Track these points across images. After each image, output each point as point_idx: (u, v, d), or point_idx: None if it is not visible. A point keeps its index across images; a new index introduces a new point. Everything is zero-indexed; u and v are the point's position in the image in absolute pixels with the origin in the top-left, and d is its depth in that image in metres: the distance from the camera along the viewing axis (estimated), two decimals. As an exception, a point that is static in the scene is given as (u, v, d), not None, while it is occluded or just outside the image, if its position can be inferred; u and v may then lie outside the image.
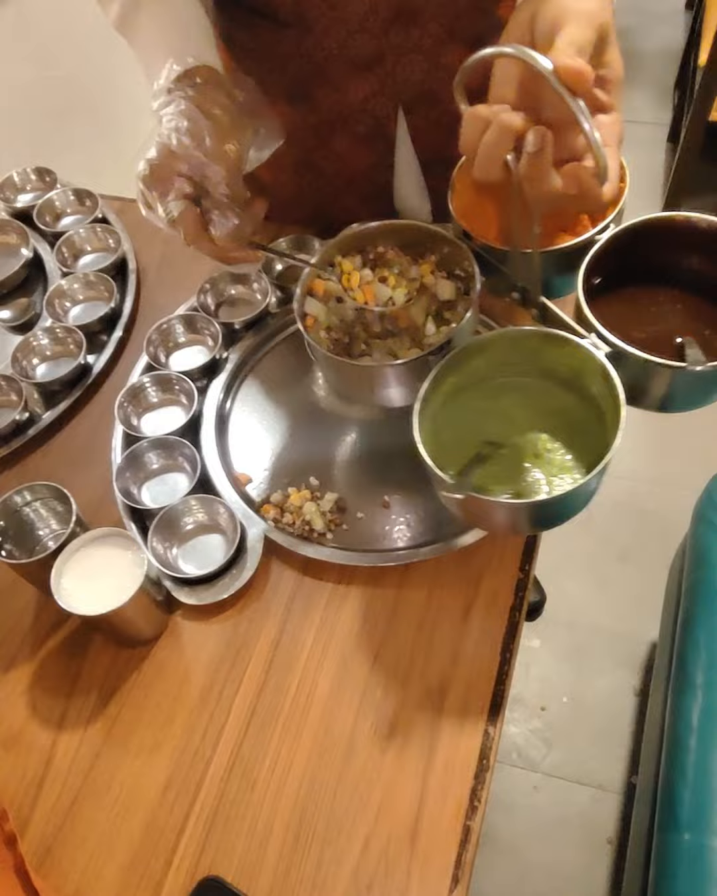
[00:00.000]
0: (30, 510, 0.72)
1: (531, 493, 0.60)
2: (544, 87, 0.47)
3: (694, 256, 0.60)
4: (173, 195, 0.56)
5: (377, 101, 0.80)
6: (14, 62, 2.92)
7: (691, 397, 0.60)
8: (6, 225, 0.98)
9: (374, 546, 0.73)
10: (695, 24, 2.17)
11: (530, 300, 0.62)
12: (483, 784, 0.62)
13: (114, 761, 0.65)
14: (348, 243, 0.67)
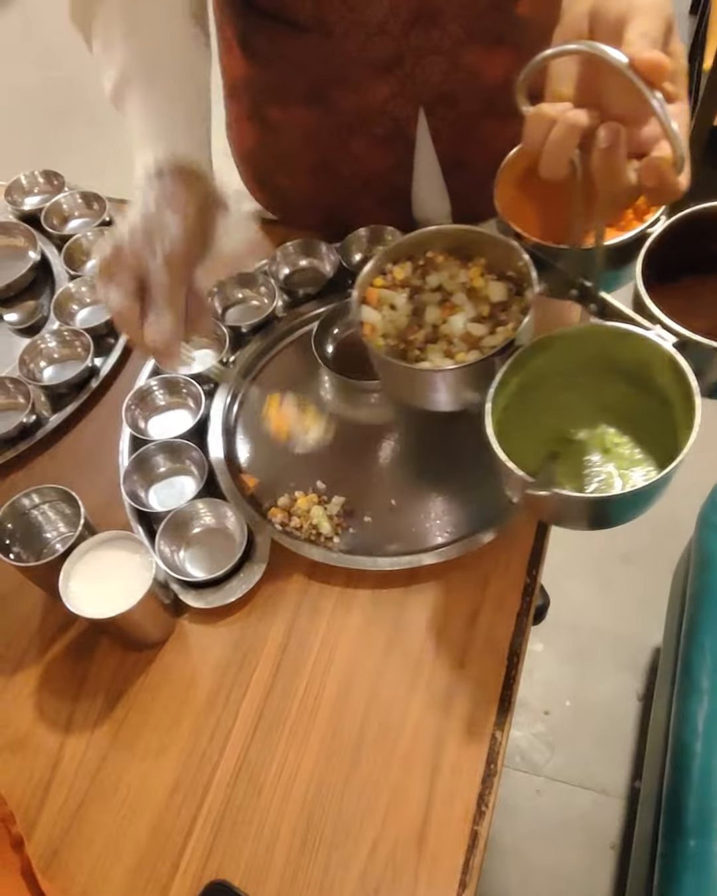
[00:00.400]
0: (38, 513, 0.72)
1: (607, 487, 0.60)
2: (605, 81, 0.47)
3: None
4: (115, 289, 0.56)
5: (397, 102, 0.80)
6: (18, 64, 2.93)
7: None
8: (14, 228, 0.98)
9: (381, 550, 0.73)
10: (699, 29, 2.18)
11: (590, 296, 0.62)
12: (491, 789, 0.62)
13: (121, 764, 0.65)
14: (399, 251, 0.68)
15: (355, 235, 0.90)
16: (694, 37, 2.31)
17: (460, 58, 0.77)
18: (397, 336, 0.67)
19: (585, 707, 1.43)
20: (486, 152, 0.82)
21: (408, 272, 0.68)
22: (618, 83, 0.48)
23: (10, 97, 2.80)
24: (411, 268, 0.68)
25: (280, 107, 0.85)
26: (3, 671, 0.70)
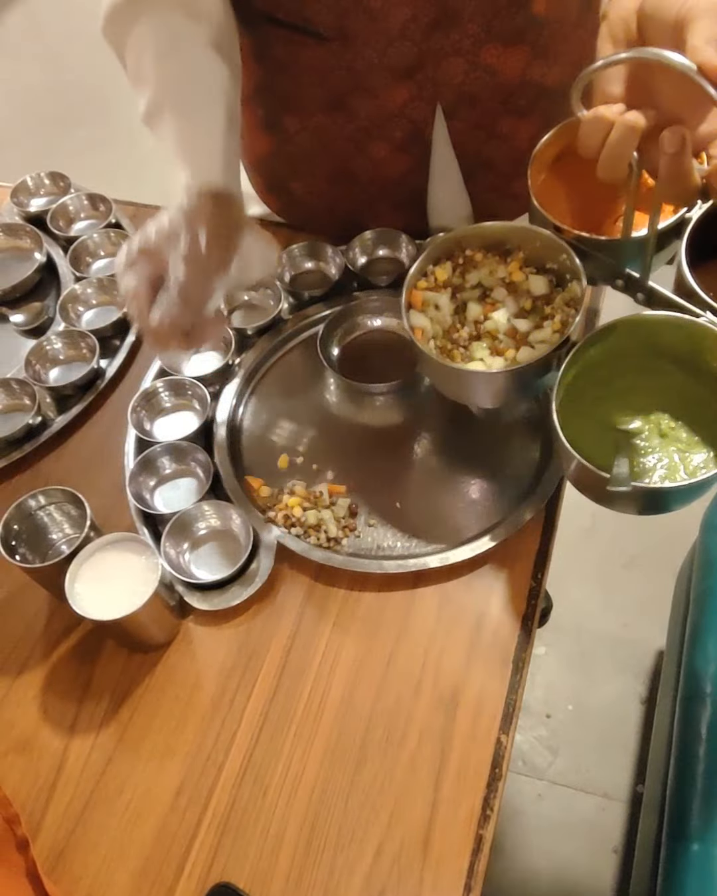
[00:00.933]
0: (44, 514, 0.72)
1: (672, 473, 0.61)
2: (657, 81, 0.48)
3: None
4: (133, 274, 0.58)
5: (415, 105, 0.80)
6: (23, 65, 2.94)
7: None
8: (20, 229, 0.98)
9: (386, 553, 0.73)
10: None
11: (638, 285, 0.62)
12: (496, 793, 0.62)
13: (126, 766, 0.65)
14: (438, 251, 0.69)
15: (361, 238, 0.90)
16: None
17: (479, 57, 0.77)
18: (443, 336, 0.69)
19: (587, 711, 1.43)
20: (508, 150, 0.83)
21: (449, 272, 0.69)
22: (671, 83, 0.49)
23: (16, 99, 2.81)
24: (451, 267, 0.69)
25: (298, 116, 0.85)
26: (8, 673, 0.70)
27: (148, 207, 1.04)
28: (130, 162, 2.45)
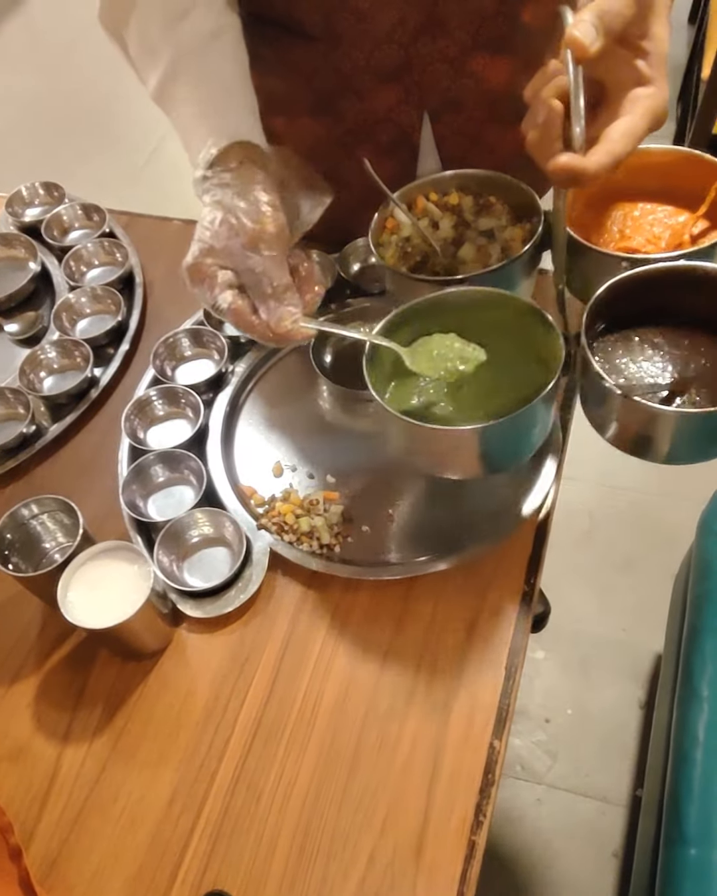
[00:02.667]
0: (37, 523, 0.72)
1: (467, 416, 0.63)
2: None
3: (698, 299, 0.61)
4: (219, 288, 0.58)
5: (402, 110, 0.80)
6: (21, 74, 2.95)
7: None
8: (14, 239, 0.99)
9: (379, 559, 0.73)
10: (698, 38, 2.19)
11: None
12: (488, 799, 0.62)
13: (119, 774, 0.65)
14: (465, 183, 0.73)
15: (353, 246, 0.91)
16: (693, 46, 2.32)
17: (466, 65, 0.77)
18: (419, 252, 0.70)
19: (586, 715, 1.42)
20: (491, 158, 0.83)
21: (469, 204, 0.71)
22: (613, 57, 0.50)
23: (12, 108, 2.82)
24: (472, 202, 0.71)
25: (285, 117, 0.85)
26: (1, 682, 0.70)
27: (142, 217, 1.04)
28: (123, 170, 2.47)
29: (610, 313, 0.61)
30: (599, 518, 1.66)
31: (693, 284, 0.60)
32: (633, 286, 0.60)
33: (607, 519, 1.66)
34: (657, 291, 0.60)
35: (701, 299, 0.60)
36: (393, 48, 0.75)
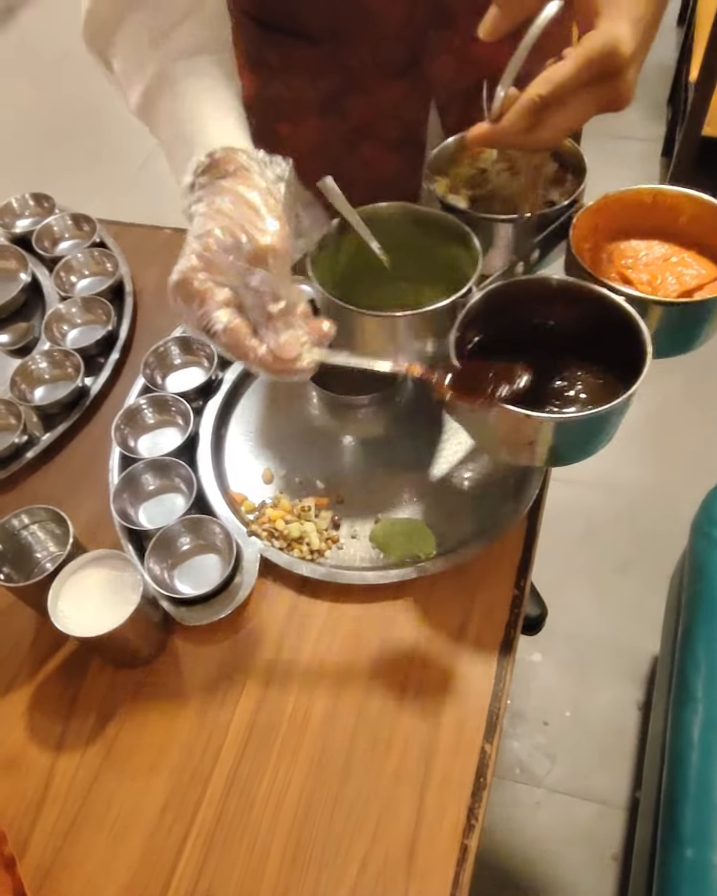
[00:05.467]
0: (27, 533, 0.72)
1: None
2: None
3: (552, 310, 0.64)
4: (214, 306, 0.50)
5: (408, 105, 0.80)
6: (13, 86, 2.96)
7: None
8: (5, 250, 0.99)
9: (369, 564, 0.73)
10: (686, 41, 2.20)
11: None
12: (480, 802, 0.62)
13: (112, 782, 0.65)
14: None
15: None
16: (681, 48, 2.33)
17: (469, 54, 0.77)
18: (489, 187, 0.70)
19: (584, 717, 1.42)
20: None
21: (552, 170, 0.70)
22: None
23: (3, 118, 2.83)
24: (553, 171, 0.70)
25: (291, 121, 0.85)
26: (-6, 691, 0.70)
27: (132, 226, 1.05)
28: (113, 180, 2.48)
29: (483, 327, 0.63)
30: (595, 521, 1.66)
31: (552, 298, 0.63)
32: (507, 296, 0.63)
33: (603, 522, 1.66)
34: (527, 307, 0.63)
35: (561, 311, 0.63)
36: (399, 44, 0.75)
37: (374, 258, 0.66)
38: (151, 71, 0.59)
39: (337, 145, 0.85)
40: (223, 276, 0.50)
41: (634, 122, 2.37)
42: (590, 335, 0.62)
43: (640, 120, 2.38)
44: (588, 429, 0.60)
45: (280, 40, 0.77)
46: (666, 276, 0.66)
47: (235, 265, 0.50)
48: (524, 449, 0.61)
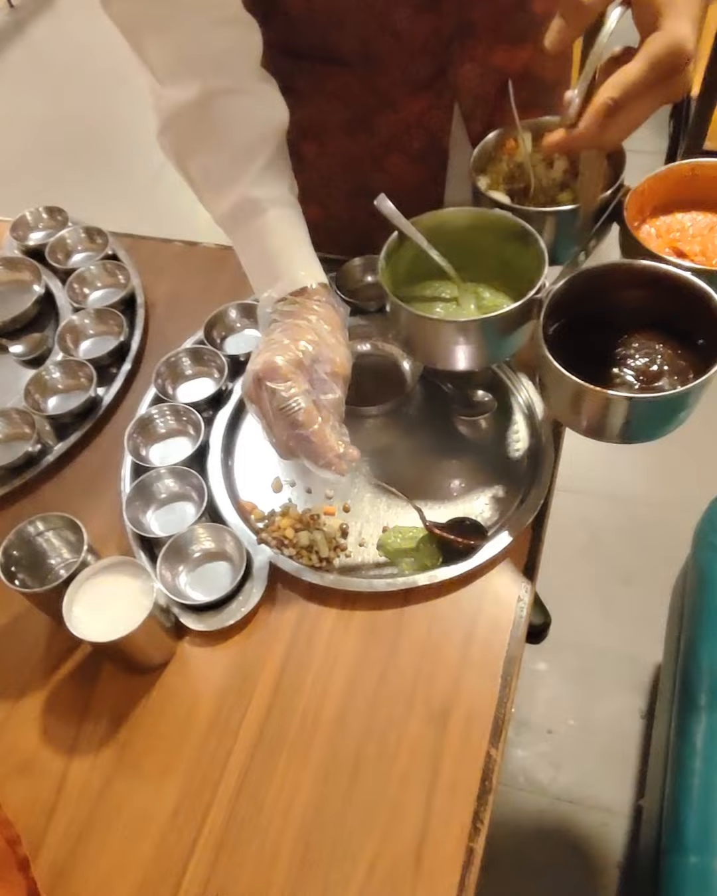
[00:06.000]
0: (42, 540, 0.74)
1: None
2: None
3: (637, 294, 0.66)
4: (299, 391, 0.62)
5: (432, 114, 0.82)
6: (25, 101, 3.00)
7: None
8: (19, 263, 1.01)
9: (377, 572, 0.75)
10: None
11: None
12: (486, 806, 0.63)
13: (124, 786, 0.66)
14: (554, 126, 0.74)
15: (350, 265, 0.93)
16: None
17: (490, 60, 0.80)
18: (524, 181, 0.74)
19: (589, 726, 1.43)
20: None
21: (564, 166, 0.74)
22: None
23: (17, 133, 2.86)
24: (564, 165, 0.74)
25: (317, 141, 0.87)
26: (9, 696, 0.71)
27: (144, 239, 1.07)
28: (124, 192, 2.51)
29: (568, 311, 0.66)
30: (599, 530, 1.67)
31: (644, 284, 0.64)
32: (589, 283, 0.65)
33: (607, 531, 1.67)
34: (611, 290, 0.65)
35: (652, 299, 0.64)
36: (427, 58, 0.77)
37: (433, 262, 0.71)
38: (238, 191, 0.67)
39: (363, 161, 0.86)
40: (306, 380, 0.63)
41: (637, 135, 2.36)
42: (669, 316, 0.65)
43: (643, 133, 2.38)
44: (666, 407, 0.62)
45: (312, 68, 0.79)
46: (715, 244, 0.68)
47: (317, 373, 0.64)
48: (604, 424, 0.64)
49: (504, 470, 0.80)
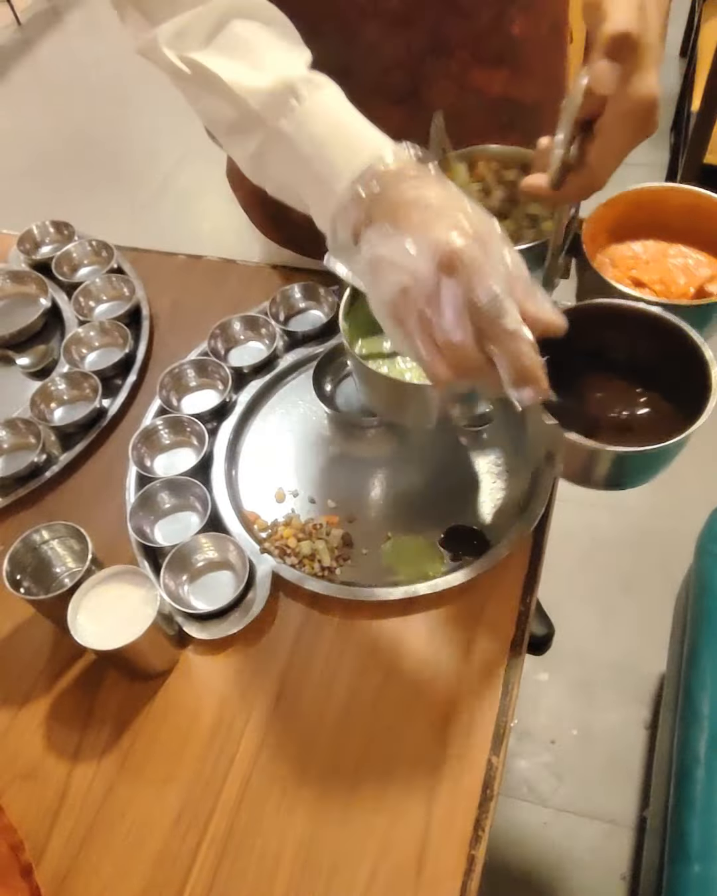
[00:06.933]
0: (47, 548, 0.75)
1: None
2: None
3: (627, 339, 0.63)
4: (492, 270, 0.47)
5: (409, 130, 0.83)
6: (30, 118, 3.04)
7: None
8: (26, 276, 1.02)
9: (378, 581, 0.75)
10: (689, 71, 2.24)
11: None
12: (487, 813, 0.63)
13: (127, 792, 0.67)
14: (487, 155, 0.73)
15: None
16: (684, 79, 2.38)
17: (467, 79, 0.81)
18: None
19: (592, 736, 1.43)
20: None
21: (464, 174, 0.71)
22: None
23: (23, 149, 2.90)
24: (501, 194, 0.71)
25: None
26: (13, 703, 0.72)
27: (148, 252, 1.08)
28: (128, 205, 2.53)
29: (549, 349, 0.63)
30: (600, 540, 1.67)
31: (621, 324, 0.61)
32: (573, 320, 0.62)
33: (608, 541, 1.67)
34: (593, 330, 0.60)
35: (627, 339, 0.62)
36: (400, 72, 0.78)
37: None
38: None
39: None
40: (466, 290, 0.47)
41: (638, 148, 2.41)
42: (650, 359, 0.60)
43: (644, 147, 2.41)
44: (650, 459, 0.60)
45: None
46: (671, 271, 0.68)
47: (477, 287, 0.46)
48: (585, 473, 0.63)
49: (505, 480, 0.81)
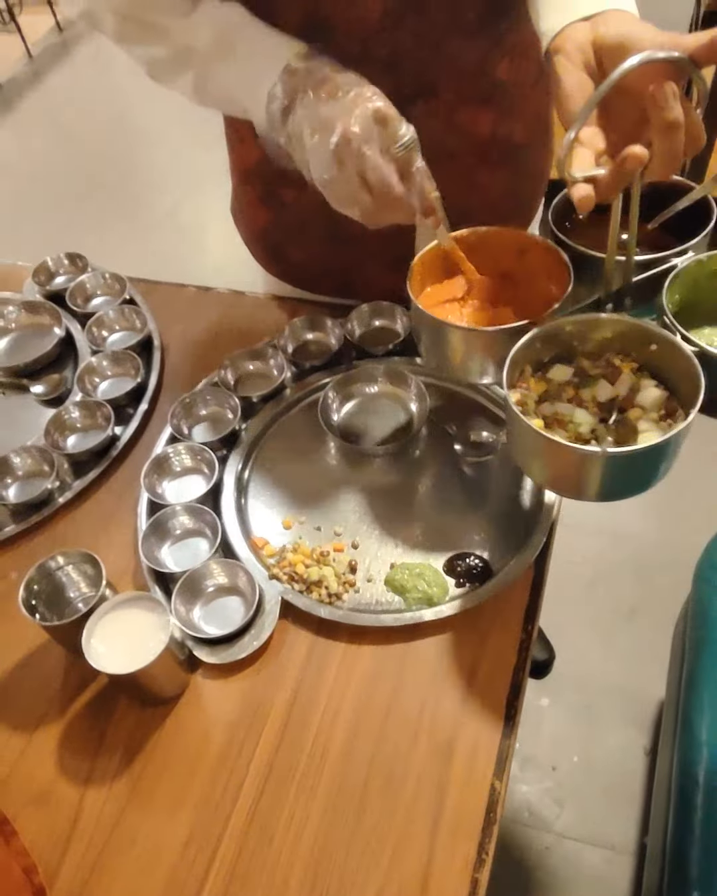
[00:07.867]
0: (62, 574, 0.77)
1: None
2: (612, 102, 0.56)
3: None
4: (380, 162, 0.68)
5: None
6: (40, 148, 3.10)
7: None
8: (40, 306, 1.05)
9: (384, 607, 0.77)
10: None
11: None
12: (490, 837, 0.64)
13: (138, 817, 0.68)
14: (538, 350, 0.68)
15: (359, 311, 0.97)
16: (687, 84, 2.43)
17: (454, 119, 0.85)
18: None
19: (592, 762, 1.43)
20: (484, 201, 0.90)
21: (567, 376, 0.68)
22: (621, 103, 0.57)
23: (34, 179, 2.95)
24: (571, 372, 0.68)
25: (295, 187, 0.92)
26: (27, 728, 0.73)
27: (160, 284, 1.11)
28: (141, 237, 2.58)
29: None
30: (601, 568, 1.69)
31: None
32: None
33: (609, 568, 1.69)
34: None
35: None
36: None
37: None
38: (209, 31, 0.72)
39: (334, 210, 0.91)
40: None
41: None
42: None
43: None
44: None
45: None
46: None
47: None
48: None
49: (508, 508, 0.83)
